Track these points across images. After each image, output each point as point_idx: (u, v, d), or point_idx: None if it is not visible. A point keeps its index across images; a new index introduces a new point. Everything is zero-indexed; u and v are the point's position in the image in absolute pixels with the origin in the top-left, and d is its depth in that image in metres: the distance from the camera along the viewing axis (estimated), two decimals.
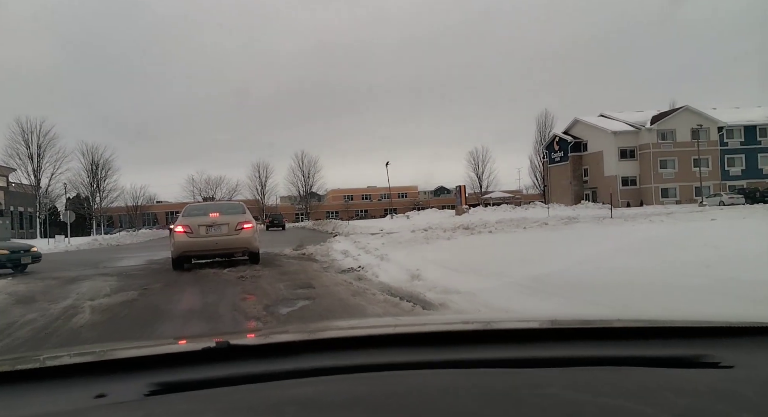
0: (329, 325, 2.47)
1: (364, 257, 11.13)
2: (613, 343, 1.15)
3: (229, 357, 1.07)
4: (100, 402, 0.87)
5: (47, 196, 36.41)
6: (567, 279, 5.99)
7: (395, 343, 1.20)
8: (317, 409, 0.79)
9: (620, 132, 54.14)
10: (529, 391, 0.84)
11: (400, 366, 1.00)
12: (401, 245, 13.67)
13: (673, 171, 53.29)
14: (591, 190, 57.24)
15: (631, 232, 11.01)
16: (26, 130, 48.66)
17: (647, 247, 8.14)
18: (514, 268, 6.89)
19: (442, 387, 0.87)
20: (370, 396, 0.85)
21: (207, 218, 11.16)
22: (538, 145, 69.88)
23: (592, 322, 1.54)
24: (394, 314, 5.23)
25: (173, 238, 11.07)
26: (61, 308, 6.56)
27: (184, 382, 0.95)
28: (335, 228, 33.67)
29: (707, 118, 52.71)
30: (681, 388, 0.84)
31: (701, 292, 4.77)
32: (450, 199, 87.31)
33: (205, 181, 77.58)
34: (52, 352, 1.94)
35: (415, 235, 15.34)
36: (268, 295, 6.89)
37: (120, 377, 0.99)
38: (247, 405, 0.82)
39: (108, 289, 8.11)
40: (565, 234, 11.37)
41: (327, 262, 11.24)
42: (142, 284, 8.54)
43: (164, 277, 9.58)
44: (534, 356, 1.05)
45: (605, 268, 6.58)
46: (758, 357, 1.02)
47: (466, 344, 1.17)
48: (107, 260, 16.34)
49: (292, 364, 1.03)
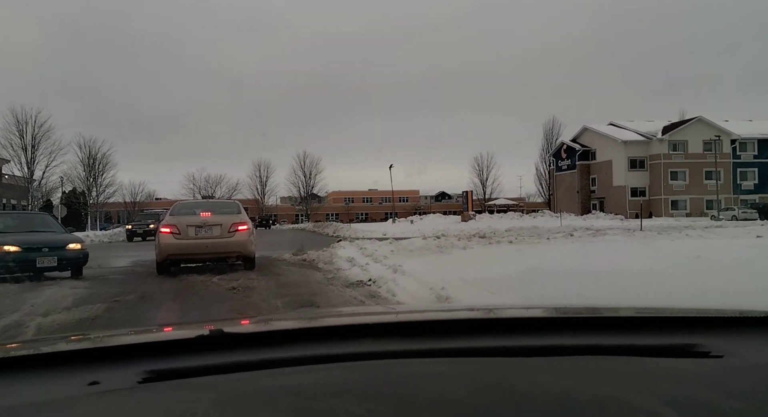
0: (324, 313, 2.62)
1: (374, 267, 9.79)
2: (604, 333, 1.15)
3: (223, 345, 1.06)
4: (92, 389, 0.86)
5: (39, 190, 34.83)
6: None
7: (389, 332, 1.19)
8: (311, 398, 0.79)
9: (630, 141, 52.82)
10: (520, 379, 0.85)
11: (393, 355, 1.00)
12: (413, 254, 12.34)
13: (684, 183, 51.90)
14: (599, 200, 55.91)
15: (686, 247, 9.64)
16: (21, 120, 46.95)
17: (747, 271, 6.51)
18: (570, 292, 5.53)
19: (434, 375, 0.87)
20: (364, 384, 0.85)
21: (197, 218, 9.81)
22: (545, 152, 68.51)
23: (584, 311, 1.53)
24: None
25: (158, 239, 9.73)
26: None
27: (178, 369, 0.94)
28: (336, 231, 32.56)
29: (720, 129, 51.41)
30: (671, 377, 0.85)
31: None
32: (452, 204, 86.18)
33: (205, 179, 76.25)
34: (45, 339, 1.65)
35: (427, 242, 13.99)
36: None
37: (113, 365, 0.98)
38: (241, 393, 0.81)
39: (70, 300, 6.77)
40: (606, 248, 9.93)
41: (331, 271, 9.90)
42: (114, 294, 7.20)
43: (143, 286, 8.23)
44: (526, 345, 1.06)
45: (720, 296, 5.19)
46: (748, 347, 1.02)
47: (459, 333, 1.16)
48: (89, 260, 14.99)
49: (286, 353, 1.02)
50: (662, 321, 1.26)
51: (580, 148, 57.89)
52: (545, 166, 68.51)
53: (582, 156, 57.66)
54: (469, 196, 42.84)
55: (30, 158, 47.24)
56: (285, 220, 76.82)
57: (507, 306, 2.27)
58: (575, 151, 58.27)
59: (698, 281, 5.82)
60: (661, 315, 1.34)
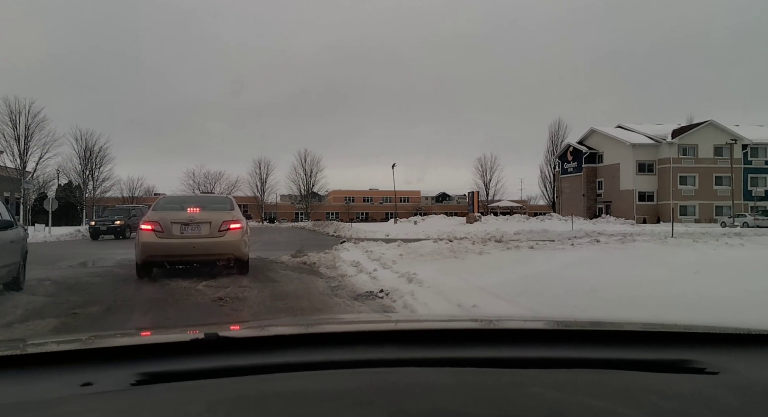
0: (319, 320, 2.67)
1: (384, 275, 8.60)
2: (599, 346, 1.14)
3: (218, 349, 1.05)
4: (86, 390, 0.86)
5: (30, 182, 33.50)
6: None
7: (384, 340, 1.18)
8: (304, 404, 0.78)
9: (639, 144, 51.57)
10: (514, 390, 0.85)
11: (388, 363, 1.00)
12: (424, 259, 11.14)
13: (693, 188, 50.64)
14: (605, 204, 54.68)
15: (740, 257, 8.43)
16: (14, 110, 45.72)
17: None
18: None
19: (428, 384, 0.86)
20: (357, 391, 0.84)
21: (183, 214, 8.59)
22: (550, 154, 67.21)
23: (580, 324, 1.51)
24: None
25: (138, 237, 8.52)
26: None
27: (172, 372, 0.94)
28: (337, 230, 31.44)
29: (732, 134, 50.12)
30: (665, 392, 0.84)
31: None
32: (452, 205, 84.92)
33: (204, 175, 74.86)
34: (39, 339, 1.63)
35: (439, 246, 12.78)
36: None
37: (107, 366, 0.98)
38: (234, 397, 0.80)
39: (21, 311, 5.59)
40: (659, 258, 8.58)
41: (335, 278, 8.70)
42: (78, 303, 6.01)
43: (116, 293, 7.03)
44: (521, 357, 1.05)
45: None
46: (743, 364, 1.01)
47: (455, 343, 1.15)
48: (71, 257, 13.79)
49: (280, 358, 1.02)
50: (660, 336, 1.25)
51: (587, 150, 56.64)
52: (550, 168, 67.25)
53: (589, 159, 56.42)
54: (475, 197, 41.48)
55: (23, 149, 45.95)
56: (285, 219, 75.57)
57: (507, 317, 2.21)
58: (582, 154, 57.03)
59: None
60: (659, 330, 1.33)
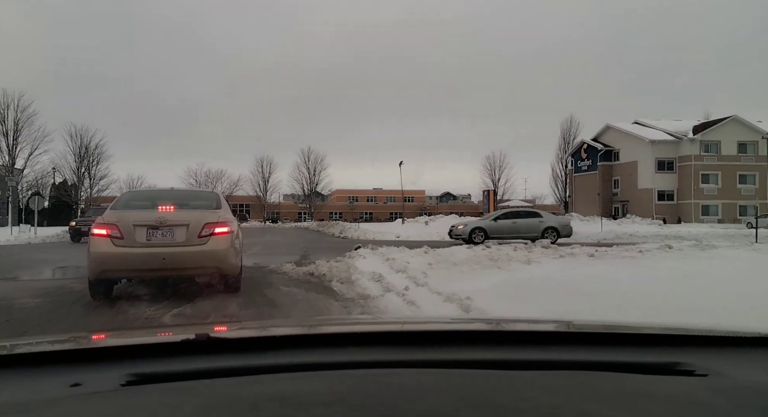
0: (311, 322, 2.69)
1: (421, 296, 6.40)
2: (591, 348, 1.14)
3: (209, 350, 1.05)
4: (75, 391, 0.85)
5: (13, 179, 31.59)
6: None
7: (379, 341, 1.17)
8: (295, 406, 0.78)
9: (659, 141, 49.22)
10: (508, 393, 0.85)
11: (382, 364, 0.99)
12: (460, 269, 8.94)
13: (716, 187, 48.26)
14: (621, 203, 52.37)
15: None
16: (2, 103, 43.76)
17: None
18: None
19: (422, 387, 0.86)
20: (350, 394, 0.84)
21: (151, 214, 6.35)
22: (562, 152, 64.88)
23: (572, 326, 1.52)
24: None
25: (89, 245, 6.33)
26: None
27: (162, 373, 0.93)
28: (343, 231, 29.34)
29: (756, 130, 47.83)
30: (655, 395, 0.84)
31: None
32: (457, 205, 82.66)
33: (206, 174, 72.76)
34: (28, 339, 1.53)
35: (474, 252, 10.56)
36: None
37: (96, 366, 0.97)
38: (226, 399, 0.80)
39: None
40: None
41: (355, 300, 6.52)
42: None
43: (43, 324, 4.88)
44: (514, 359, 1.05)
45: None
46: (732, 366, 1.02)
47: (448, 345, 1.15)
48: (34, 264, 11.62)
49: (272, 360, 1.01)
50: (647, 338, 1.26)
51: (602, 147, 54.35)
52: (562, 166, 64.92)
53: (604, 156, 54.13)
54: (491, 196, 39.16)
55: (11, 144, 43.85)
56: (288, 219, 73.44)
57: (504, 319, 2.26)
58: (597, 151, 54.73)
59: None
60: (645, 332, 1.34)
